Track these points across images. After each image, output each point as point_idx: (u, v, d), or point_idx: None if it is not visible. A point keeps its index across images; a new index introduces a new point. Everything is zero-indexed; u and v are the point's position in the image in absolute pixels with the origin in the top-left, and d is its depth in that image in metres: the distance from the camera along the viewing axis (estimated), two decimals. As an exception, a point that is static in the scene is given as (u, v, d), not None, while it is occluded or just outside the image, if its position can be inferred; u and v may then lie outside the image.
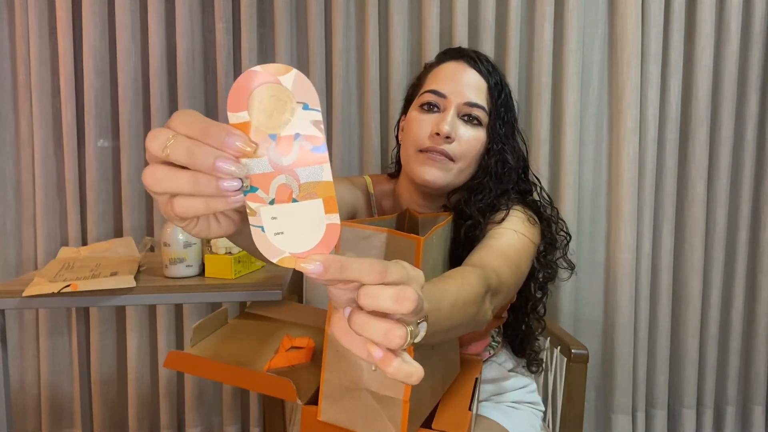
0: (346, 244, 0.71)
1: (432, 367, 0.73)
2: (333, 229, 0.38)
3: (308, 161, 0.38)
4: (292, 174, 0.38)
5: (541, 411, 1.12)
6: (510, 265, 0.77)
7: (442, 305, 0.55)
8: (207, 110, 1.54)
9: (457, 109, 0.87)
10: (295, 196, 0.38)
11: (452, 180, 0.88)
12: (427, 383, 0.71)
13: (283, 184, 0.38)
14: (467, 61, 0.90)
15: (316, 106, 0.37)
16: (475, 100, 0.87)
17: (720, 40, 1.53)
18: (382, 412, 0.67)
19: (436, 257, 0.72)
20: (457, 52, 0.93)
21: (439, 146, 0.85)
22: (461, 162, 0.87)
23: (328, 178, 0.38)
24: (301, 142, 0.38)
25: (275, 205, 0.38)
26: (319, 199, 0.38)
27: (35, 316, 1.54)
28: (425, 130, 0.87)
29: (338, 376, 0.70)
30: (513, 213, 0.87)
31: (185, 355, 0.78)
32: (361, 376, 0.68)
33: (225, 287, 1.03)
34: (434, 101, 0.88)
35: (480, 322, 0.66)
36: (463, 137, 0.86)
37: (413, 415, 0.67)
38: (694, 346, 1.58)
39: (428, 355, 0.71)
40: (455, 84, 0.87)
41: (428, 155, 0.86)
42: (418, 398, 0.68)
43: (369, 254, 0.69)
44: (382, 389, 0.67)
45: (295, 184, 0.38)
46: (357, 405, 0.69)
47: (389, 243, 0.68)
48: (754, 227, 1.62)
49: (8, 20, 1.49)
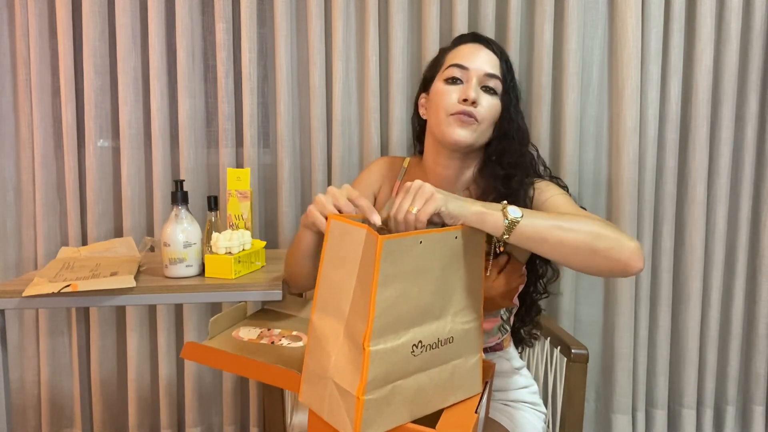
0: (332, 238, 0.74)
1: (422, 379, 0.72)
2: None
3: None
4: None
5: (543, 413, 1.12)
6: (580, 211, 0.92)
7: (540, 212, 0.81)
8: (207, 110, 1.54)
9: (478, 80, 1.02)
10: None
11: (476, 139, 1.02)
12: (408, 392, 0.70)
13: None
14: (482, 43, 1.07)
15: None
16: (493, 72, 1.03)
17: (720, 40, 1.53)
18: (342, 404, 0.68)
19: (421, 263, 0.69)
20: (472, 36, 1.11)
21: (468, 109, 1.00)
22: (483, 124, 1.02)
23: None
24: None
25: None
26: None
27: (35, 316, 1.54)
28: (454, 97, 1.02)
29: (314, 361, 0.73)
30: (546, 188, 1.02)
31: (200, 347, 0.82)
32: (328, 365, 0.70)
33: (225, 287, 1.03)
34: (458, 75, 1.03)
35: (612, 247, 0.79)
36: (484, 103, 1.01)
37: (373, 414, 0.66)
38: (694, 346, 1.58)
39: (415, 367, 0.71)
40: (474, 59, 1.04)
41: (459, 117, 1.00)
42: (387, 401, 0.68)
43: (349, 249, 0.70)
44: (342, 382, 0.68)
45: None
46: (324, 393, 0.71)
47: (366, 239, 0.68)
48: (754, 227, 1.62)
49: (8, 20, 1.49)
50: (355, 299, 0.69)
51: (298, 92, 1.52)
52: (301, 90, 1.53)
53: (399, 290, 0.67)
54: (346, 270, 0.70)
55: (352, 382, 0.66)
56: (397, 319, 0.68)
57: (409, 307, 0.69)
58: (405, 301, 0.68)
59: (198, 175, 1.51)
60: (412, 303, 0.69)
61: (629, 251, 0.79)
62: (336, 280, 0.72)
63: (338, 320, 0.71)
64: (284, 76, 1.46)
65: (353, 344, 0.68)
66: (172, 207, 1.08)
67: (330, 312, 0.72)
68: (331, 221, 0.74)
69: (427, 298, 0.71)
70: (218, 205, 1.19)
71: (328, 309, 0.73)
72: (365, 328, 0.65)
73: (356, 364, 0.67)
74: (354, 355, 0.67)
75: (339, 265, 0.72)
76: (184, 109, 1.47)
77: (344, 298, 0.70)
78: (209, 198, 1.18)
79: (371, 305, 0.65)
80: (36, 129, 1.48)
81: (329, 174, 1.52)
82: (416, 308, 0.70)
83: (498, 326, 1.10)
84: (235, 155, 1.51)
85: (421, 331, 0.71)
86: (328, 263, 0.74)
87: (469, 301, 0.77)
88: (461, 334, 0.76)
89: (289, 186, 1.49)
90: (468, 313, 0.77)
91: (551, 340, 1.14)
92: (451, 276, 0.74)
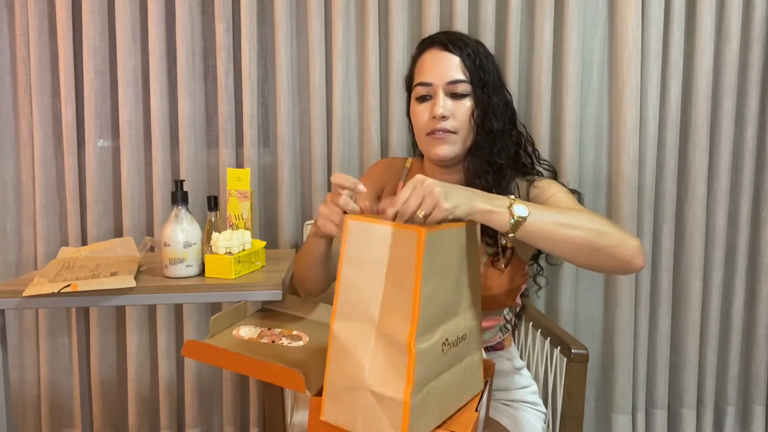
0: (352, 240, 0.70)
1: (448, 379, 0.71)
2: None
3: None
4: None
5: (543, 413, 1.12)
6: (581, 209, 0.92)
7: (546, 209, 0.80)
8: (207, 110, 1.54)
9: (444, 90, 1.01)
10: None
11: (459, 149, 1.03)
12: (438, 392, 0.69)
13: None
14: (439, 47, 1.04)
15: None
16: (455, 77, 1.01)
17: (720, 40, 1.53)
18: (382, 413, 0.65)
19: (446, 259, 0.69)
20: (429, 41, 1.07)
21: (439, 126, 1.00)
22: (461, 131, 1.02)
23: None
24: None
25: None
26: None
27: (35, 316, 1.54)
28: (425, 117, 1.03)
29: (340, 374, 0.69)
30: (549, 186, 1.02)
31: (200, 344, 0.82)
32: (363, 374, 0.67)
33: (225, 287, 1.03)
34: (425, 92, 1.03)
35: (615, 244, 0.80)
36: (456, 112, 1.01)
37: (416, 419, 0.64)
38: (694, 346, 1.58)
39: (444, 366, 0.70)
40: (435, 70, 1.02)
41: (434, 136, 1.02)
42: (425, 404, 0.66)
43: (374, 248, 0.68)
44: (384, 389, 0.65)
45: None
46: (358, 405, 0.67)
47: (394, 236, 0.66)
48: (754, 227, 1.62)
49: (8, 20, 1.49)
50: (388, 300, 0.66)
51: (298, 92, 1.52)
52: (301, 90, 1.53)
53: (434, 286, 0.66)
54: (372, 271, 0.68)
55: (396, 387, 0.64)
56: (432, 316, 0.66)
57: (439, 303, 0.68)
58: (437, 297, 0.67)
59: (198, 175, 1.51)
60: (440, 299, 0.68)
61: (631, 249, 0.81)
62: (360, 283, 0.69)
63: (367, 325, 0.68)
64: (284, 76, 1.46)
65: (391, 347, 0.65)
66: (172, 207, 1.08)
67: (356, 318, 0.69)
68: (349, 222, 0.70)
69: (450, 294, 0.70)
70: (218, 205, 1.19)
71: (353, 315, 0.69)
72: (409, 327, 0.63)
73: (398, 367, 0.64)
74: (394, 358, 0.65)
75: (362, 268, 0.69)
76: (184, 109, 1.47)
77: (372, 301, 0.67)
78: (209, 198, 1.18)
79: (415, 302, 0.63)
80: (36, 129, 1.48)
81: (329, 174, 1.52)
82: (443, 304, 0.69)
83: (500, 326, 1.10)
84: (235, 155, 1.51)
85: (448, 328, 0.70)
86: (349, 267, 0.69)
87: (474, 296, 0.77)
88: (470, 330, 0.76)
89: (289, 186, 1.49)
90: (473, 309, 0.77)
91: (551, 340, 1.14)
92: (462, 271, 0.74)
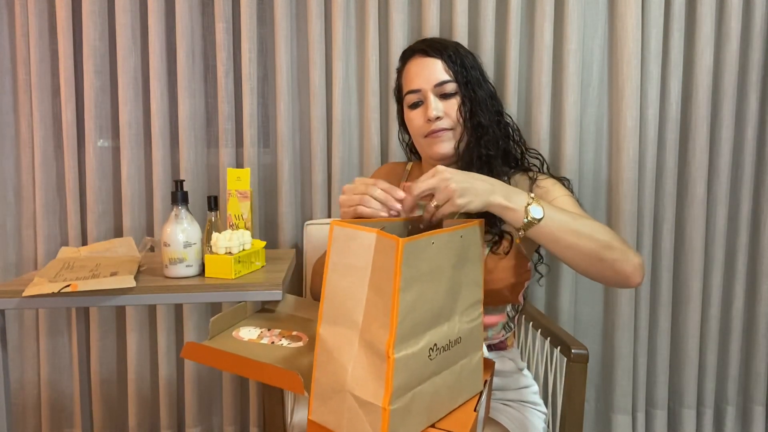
0: (336, 243, 0.71)
1: (438, 383, 0.71)
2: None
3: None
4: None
5: (544, 413, 1.12)
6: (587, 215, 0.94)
7: (560, 213, 0.82)
8: (207, 110, 1.54)
9: (433, 93, 1.07)
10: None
11: (457, 144, 1.08)
12: (425, 396, 0.69)
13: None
14: (420, 54, 1.10)
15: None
16: (441, 79, 1.07)
17: (720, 40, 1.53)
18: (364, 417, 0.66)
19: (436, 263, 0.69)
20: (410, 51, 1.13)
21: (435, 126, 1.07)
22: (457, 128, 1.08)
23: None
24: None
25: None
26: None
27: (35, 316, 1.54)
28: (421, 121, 1.09)
29: (326, 376, 0.70)
30: (553, 187, 1.04)
31: (200, 346, 0.82)
32: (346, 377, 0.68)
33: (225, 287, 1.03)
34: (415, 99, 1.10)
35: (618, 259, 0.83)
36: (448, 111, 1.07)
37: (397, 424, 0.65)
38: (694, 346, 1.58)
39: (432, 371, 0.70)
40: (420, 76, 1.08)
41: (432, 137, 1.08)
42: (408, 409, 0.67)
43: (359, 254, 0.68)
44: (364, 394, 0.66)
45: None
46: (342, 407, 0.68)
47: (377, 243, 0.66)
48: (754, 227, 1.62)
49: (8, 20, 1.49)
50: (370, 307, 0.67)
51: (298, 92, 1.52)
52: (301, 90, 1.53)
53: (417, 293, 0.66)
54: (356, 277, 0.68)
55: (375, 393, 0.65)
56: (416, 323, 0.67)
57: (425, 310, 0.68)
58: (422, 305, 0.67)
59: (198, 175, 1.51)
60: (428, 306, 0.68)
61: (633, 266, 0.84)
62: (344, 288, 0.70)
63: (351, 330, 0.68)
64: (284, 76, 1.46)
65: (372, 353, 0.66)
66: (172, 207, 1.08)
67: (340, 323, 0.70)
68: (334, 227, 0.72)
69: (440, 300, 0.71)
70: (218, 205, 1.19)
71: (337, 320, 0.70)
72: (388, 336, 0.64)
73: (377, 373, 0.65)
74: (374, 365, 0.65)
75: (346, 273, 0.69)
76: (184, 109, 1.47)
77: (356, 307, 0.68)
78: (209, 198, 1.18)
79: (394, 311, 0.63)
80: (36, 129, 1.48)
81: (329, 174, 1.52)
82: (431, 311, 0.69)
83: (503, 323, 1.10)
84: (235, 155, 1.51)
85: (436, 333, 0.70)
86: (334, 272, 0.71)
87: (474, 297, 0.77)
88: (467, 333, 0.76)
89: (289, 186, 1.49)
90: (473, 311, 0.77)
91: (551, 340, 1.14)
92: (459, 274, 0.74)
